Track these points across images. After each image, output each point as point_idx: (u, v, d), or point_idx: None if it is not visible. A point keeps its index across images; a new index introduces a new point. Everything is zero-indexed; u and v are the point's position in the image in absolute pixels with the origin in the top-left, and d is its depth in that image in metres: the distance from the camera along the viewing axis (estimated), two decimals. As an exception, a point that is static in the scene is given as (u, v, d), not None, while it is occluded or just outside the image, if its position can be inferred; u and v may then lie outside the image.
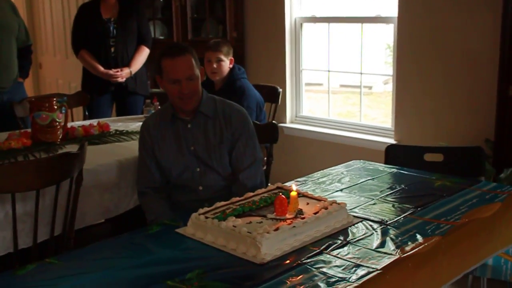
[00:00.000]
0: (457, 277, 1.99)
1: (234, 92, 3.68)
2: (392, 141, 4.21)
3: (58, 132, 3.12)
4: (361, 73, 4.60)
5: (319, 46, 4.90)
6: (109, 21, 4.30)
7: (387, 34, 4.48)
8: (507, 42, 3.31)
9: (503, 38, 3.33)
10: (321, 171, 2.74)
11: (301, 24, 4.83)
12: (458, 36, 3.81)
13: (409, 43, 4.05)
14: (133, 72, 4.35)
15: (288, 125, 4.93)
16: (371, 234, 1.95)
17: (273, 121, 3.35)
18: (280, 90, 4.26)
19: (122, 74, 4.28)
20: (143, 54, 4.42)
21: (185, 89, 2.52)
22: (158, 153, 2.63)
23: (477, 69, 3.75)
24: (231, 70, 3.81)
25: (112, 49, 4.31)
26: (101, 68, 4.27)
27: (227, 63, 3.78)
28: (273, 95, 4.26)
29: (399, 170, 2.72)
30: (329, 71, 4.82)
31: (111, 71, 4.25)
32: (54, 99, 3.15)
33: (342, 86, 7.06)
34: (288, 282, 1.61)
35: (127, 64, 4.33)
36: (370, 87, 7.16)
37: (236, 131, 2.62)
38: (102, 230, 3.11)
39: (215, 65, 3.75)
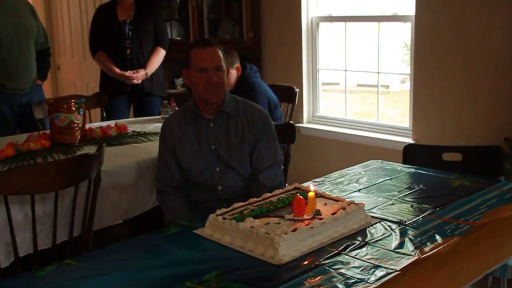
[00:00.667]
0: (477, 278, 1.98)
1: (245, 90, 3.66)
2: (410, 140, 4.19)
3: (76, 134, 3.14)
4: (378, 72, 4.58)
5: (336, 46, 4.89)
6: (125, 23, 4.32)
7: (404, 32, 4.45)
8: (527, 40, 3.28)
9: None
10: (339, 171, 2.73)
11: (318, 24, 4.82)
12: (476, 34, 3.77)
13: (427, 42, 4.02)
14: (149, 74, 4.36)
15: (305, 125, 4.92)
16: (390, 235, 1.94)
17: (290, 121, 3.35)
18: (297, 90, 4.25)
19: (138, 76, 4.30)
20: (159, 55, 4.43)
21: (213, 78, 2.53)
22: (179, 151, 2.64)
23: (496, 68, 3.71)
24: (243, 70, 3.79)
25: (128, 51, 4.33)
26: (117, 70, 4.29)
27: (233, 73, 3.73)
28: (290, 95, 4.25)
29: (417, 170, 2.70)
30: (346, 70, 4.80)
31: (127, 73, 4.27)
32: (72, 100, 3.17)
33: (359, 85, 7.03)
34: (306, 283, 1.61)
35: (143, 65, 4.35)
36: (387, 86, 7.12)
37: (258, 132, 2.62)
38: (120, 231, 3.12)
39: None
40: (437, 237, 1.90)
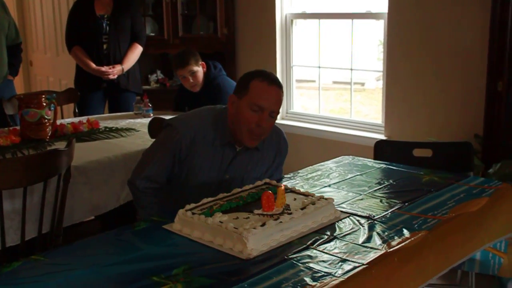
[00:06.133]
0: (443, 271, 1.99)
1: (212, 91, 3.70)
2: (382, 137, 4.22)
3: (47, 129, 3.11)
4: (351, 69, 4.60)
5: (310, 43, 4.90)
6: (102, 18, 4.29)
7: (377, 30, 4.48)
8: (496, 38, 3.32)
9: (492, 34, 3.34)
10: (310, 166, 2.74)
11: (292, 20, 4.83)
12: (448, 32, 3.82)
13: (399, 39, 4.06)
14: (125, 70, 4.34)
15: (279, 121, 4.92)
16: (358, 229, 1.95)
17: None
18: (271, 86, 4.25)
19: (114, 72, 4.27)
20: (136, 51, 4.41)
21: (265, 122, 2.32)
22: (187, 170, 2.40)
23: (467, 65, 3.76)
24: (207, 71, 3.80)
25: (105, 46, 4.30)
26: (93, 65, 4.26)
27: (200, 71, 3.77)
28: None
29: (387, 166, 2.72)
30: (319, 67, 4.83)
31: (103, 68, 4.24)
32: (43, 96, 3.13)
33: (335, 82, 7.07)
34: (274, 277, 1.61)
35: (120, 61, 4.32)
36: (362, 84, 7.18)
37: (279, 159, 2.61)
38: (91, 227, 3.10)
39: (191, 80, 3.75)
40: (405, 231, 1.92)
